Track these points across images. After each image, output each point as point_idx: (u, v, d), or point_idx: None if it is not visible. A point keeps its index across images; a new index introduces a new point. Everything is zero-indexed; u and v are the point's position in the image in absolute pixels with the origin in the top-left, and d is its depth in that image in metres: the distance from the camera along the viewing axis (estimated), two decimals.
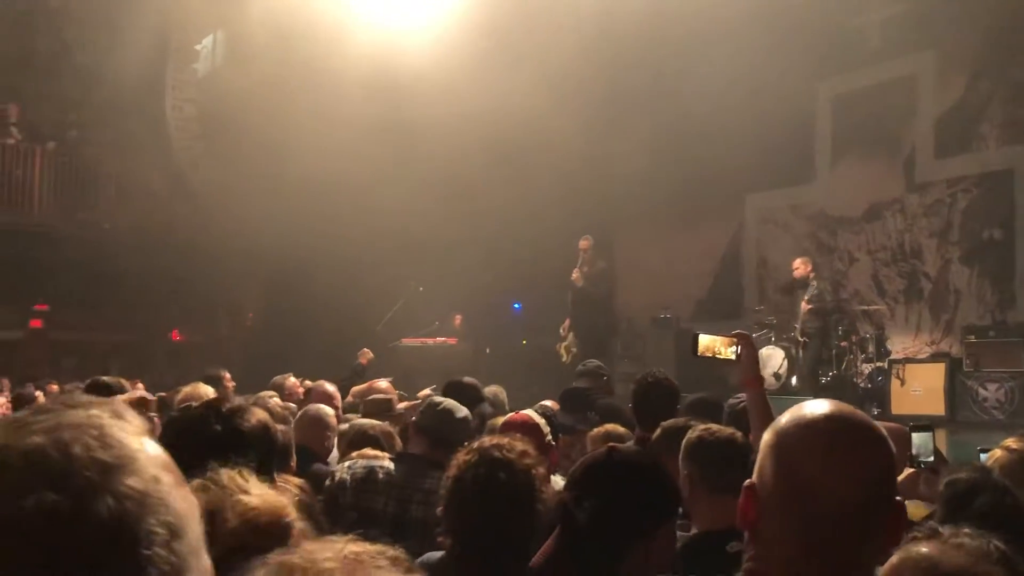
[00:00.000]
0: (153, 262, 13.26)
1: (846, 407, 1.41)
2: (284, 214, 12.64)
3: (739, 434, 3.16)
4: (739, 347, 2.89)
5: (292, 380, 7.10)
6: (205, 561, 0.76)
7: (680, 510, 1.92)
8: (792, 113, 12.32)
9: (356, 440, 4.16)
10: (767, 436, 1.42)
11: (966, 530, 1.63)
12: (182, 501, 0.74)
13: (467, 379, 5.05)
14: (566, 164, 12.37)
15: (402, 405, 5.60)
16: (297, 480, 2.64)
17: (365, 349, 8.17)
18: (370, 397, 5.91)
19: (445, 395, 4.69)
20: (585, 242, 11.47)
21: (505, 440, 2.65)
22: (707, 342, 2.95)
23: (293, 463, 3.24)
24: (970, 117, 11.22)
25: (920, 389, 10.25)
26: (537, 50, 11.53)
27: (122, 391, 3.93)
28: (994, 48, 10.83)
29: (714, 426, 2.96)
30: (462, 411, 3.78)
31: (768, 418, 2.79)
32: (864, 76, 12.19)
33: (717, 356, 2.94)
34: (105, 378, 5.01)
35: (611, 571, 1.87)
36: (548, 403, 5.61)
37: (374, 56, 11.35)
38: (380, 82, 11.50)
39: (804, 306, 9.94)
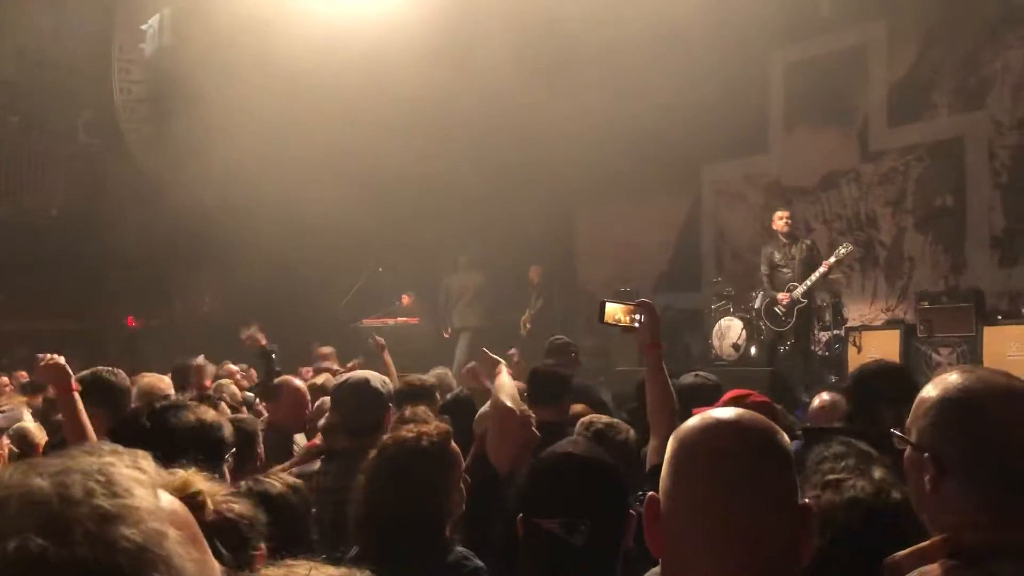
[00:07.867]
0: (104, 248, 12.98)
1: (748, 412, 1.35)
2: (239, 196, 12.42)
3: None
4: (640, 315, 2.99)
5: (229, 366, 6.89)
6: None
7: None
8: (745, 83, 12.33)
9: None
10: (671, 445, 1.33)
11: None
12: (190, 561, 0.68)
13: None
14: (525, 139, 12.31)
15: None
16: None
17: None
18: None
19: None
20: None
21: (427, 427, 2.58)
22: (611, 310, 3.07)
23: (261, 451, 3.18)
24: (921, 86, 11.34)
25: (877, 356, 10.42)
26: (494, 26, 11.41)
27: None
28: (944, 17, 10.93)
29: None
30: (373, 381, 3.59)
31: (664, 384, 2.88)
32: (816, 45, 12.24)
33: (620, 323, 3.06)
34: None
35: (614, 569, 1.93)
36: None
37: (324, 35, 11.16)
38: (332, 58, 11.32)
39: (825, 266, 9.79)
